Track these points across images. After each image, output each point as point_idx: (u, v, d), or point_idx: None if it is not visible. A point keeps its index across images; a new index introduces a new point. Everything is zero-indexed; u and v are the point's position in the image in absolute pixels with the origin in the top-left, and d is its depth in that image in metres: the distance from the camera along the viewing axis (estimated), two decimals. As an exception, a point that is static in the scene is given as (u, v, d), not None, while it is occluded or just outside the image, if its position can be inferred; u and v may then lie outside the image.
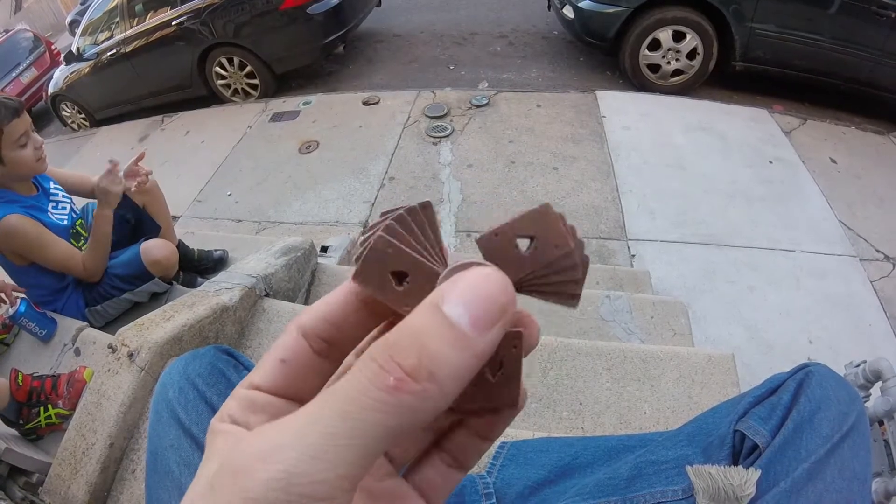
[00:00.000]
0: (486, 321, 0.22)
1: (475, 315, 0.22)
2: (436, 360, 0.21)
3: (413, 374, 0.21)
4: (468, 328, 0.22)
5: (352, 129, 4.57)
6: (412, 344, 0.22)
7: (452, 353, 0.21)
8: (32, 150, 1.91)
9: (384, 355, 0.22)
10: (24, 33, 8.93)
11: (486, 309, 0.22)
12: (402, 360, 0.21)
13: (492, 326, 0.22)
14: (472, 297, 0.22)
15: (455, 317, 0.22)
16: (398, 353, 0.22)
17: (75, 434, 1.57)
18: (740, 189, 3.51)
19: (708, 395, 1.56)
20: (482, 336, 0.22)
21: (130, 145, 5.42)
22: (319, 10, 5.16)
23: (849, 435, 0.67)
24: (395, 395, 0.21)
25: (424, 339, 0.22)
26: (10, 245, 1.95)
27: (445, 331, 0.22)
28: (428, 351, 0.21)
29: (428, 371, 0.21)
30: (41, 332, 2.03)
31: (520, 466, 0.91)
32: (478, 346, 0.22)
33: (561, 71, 5.45)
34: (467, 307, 0.22)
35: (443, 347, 0.21)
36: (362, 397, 0.21)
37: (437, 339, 0.22)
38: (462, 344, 0.22)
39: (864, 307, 2.77)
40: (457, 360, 0.21)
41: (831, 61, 4.26)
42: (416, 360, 0.21)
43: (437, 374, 0.21)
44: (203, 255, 2.69)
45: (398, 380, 0.21)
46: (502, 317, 0.23)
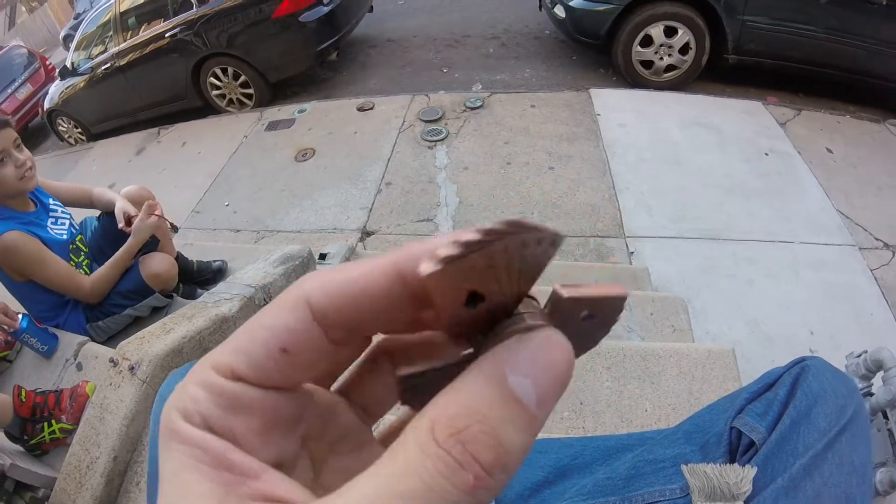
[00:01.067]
0: (551, 397, 0.20)
1: (543, 391, 0.20)
2: (510, 450, 0.19)
3: (489, 469, 0.18)
4: (535, 407, 0.19)
5: (347, 136, 4.57)
6: (486, 431, 0.19)
7: (520, 438, 0.19)
8: (13, 169, 1.91)
9: (456, 445, 0.18)
10: (19, 49, 8.95)
11: (554, 384, 0.20)
12: (480, 455, 0.18)
13: (555, 399, 0.20)
14: (541, 369, 0.20)
15: (524, 395, 0.19)
16: (472, 443, 0.18)
17: (79, 448, 1.58)
18: (737, 182, 3.51)
19: (709, 390, 1.56)
20: (545, 412, 0.20)
21: (127, 158, 5.43)
22: (312, 18, 5.16)
23: (846, 428, 0.67)
24: (472, 493, 0.18)
25: (497, 425, 0.19)
26: (8, 262, 1.95)
27: (515, 413, 0.19)
28: (503, 443, 0.19)
29: (503, 464, 0.19)
30: (42, 347, 2.03)
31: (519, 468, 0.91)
32: (539, 423, 0.20)
33: (554, 70, 5.46)
34: (535, 382, 0.20)
35: (514, 433, 0.19)
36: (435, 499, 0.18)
37: (509, 425, 0.19)
38: (530, 426, 0.19)
39: (864, 296, 2.77)
40: (525, 443, 0.19)
41: (824, 51, 4.25)
42: (494, 455, 0.18)
43: (509, 464, 0.19)
44: (202, 267, 2.70)
45: (478, 477, 0.18)
46: (564, 388, 0.21)
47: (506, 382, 0.19)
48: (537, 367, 0.20)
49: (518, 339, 0.21)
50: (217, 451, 0.21)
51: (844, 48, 4.17)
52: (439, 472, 0.18)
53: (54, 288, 2.08)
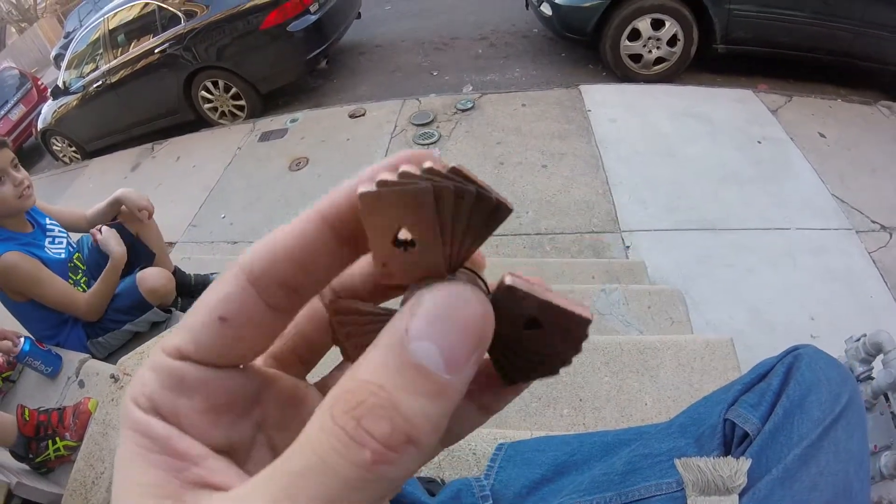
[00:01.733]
0: (461, 358, 0.18)
1: (449, 352, 0.18)
2: (412, 419, 0.18)
3: (389, 444, 0.17)
4: (443, 371, 0.18)
5: (340, 143, 4.58)
6: (380, 404, 0.18)
7: (428, 406, 0.18)
8: (11, 188, 1.92)
9: (349, 420, 0.18)
10: (10, 71, 8.96)
11: (462, 342, 0.19)
12: (374, 429, 0.17)
13: (470, 360, 0.19)
14: (444, 327, 0.19)
15: (425, 359, 0.18)
16: (366, 417, 0.17)
17: (84, 464, 1.59)
18: (731, 171, 3.52)
19: (709, 381, 1.56)
20: (459, 375, 0.18)
21: (123, 175, 5.44)
22: (300, 27, 5.17)
23: (842, 416, 0.67)
24: (373, 470, 0.17)
25: (393, 395, 0.18)
26: (8, 282, 1.96)
27: (416, 380, 0.18)
28: (401, 412, 0.18)
29: (405, 436, 0.17)
30: (47, 369, 2.04)
31: (517, 467, 0.91)
32: (453, 389, 0.18)
33: (543, 68, 5.47)
34: (439, 343, 0.18)
35: (416, 402, 0.18)
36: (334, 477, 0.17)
37: (409, 394, 0.18)
38: (438, 391, 0.18)
39: (863, 279, 2.77)
40: (434, 411, 0.18)
41: (812, 36, 4.25)
42: (390, 427, 0.17)
43: (415, 435, 0.18)
44: (200, 280, 2.70)
45: (376, 452, 0.17)
46: (481, 345, 0.19)
47: (405, 348, 0.18)
48: (441, 327, 0.18)
49: (418, 296, 0.20)
50: (161, 435, 0.20)
51: (832, 32, 4.16)
52: (334, 448, 0.17)
53: (53, 307, 2.09)
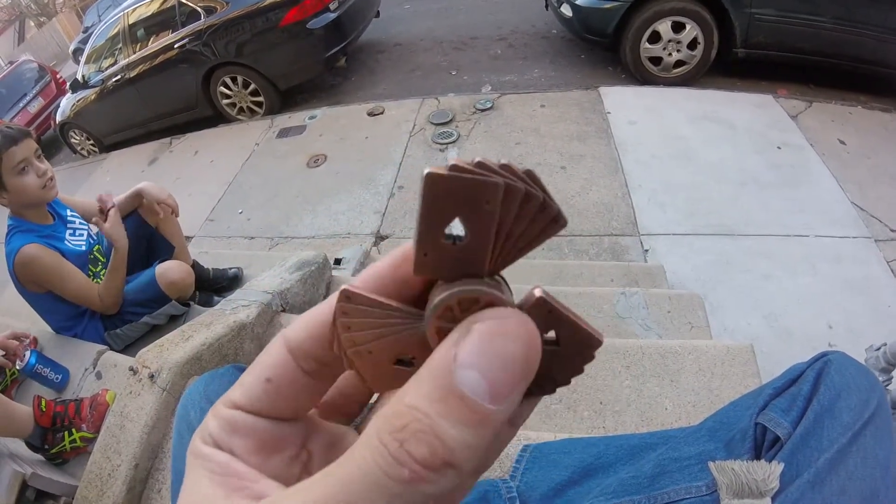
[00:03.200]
0: (507, 389, 0.19)
1: (494, 383, 0.19)
2: (451, 448, 0.18)
3: (427, 465, 0.18)
4: (487, 401, 0.19)
5: (358, 141, 4.59)
6: (422, 430, 0.18)
7: (469, 435, 0.18)
8: (35, 178, 1.93)
9: (392, 441, 0.19)
10: (29, 64, 9.07)
11: (508, 373, 0.19)
12: (414, 451, 0.18)
13: (515, 390, 0.19)
14: (490, 358, 0.19)
15: (470, 389, 0.19)
16: (409, 441, 0.18)
17: (100, 456, 1.59)
18: (750, 177, 3.49)
19: (728, 387, 1.55)
20: (503, 405, 0.19)
21: (140, 169, 5.48)
22: (319, 25, 5.19)
23: (870, 422, 0.67)
24: (412, 487, 0.18)
25: (435, 422, 0.18)
26: (28, 275, 1.98)
27: (459, 408, 0.19)
28: (441, 439, 0.18)
29: (443, 461, 0.18)
30: (56, 377, 2.02)
31: (543, 469, 0.91)
32: (496, 419, 0.19)
33: (563, 69, 5.45)
34: (484, 373, 0.19)
35: (457, 430, 0.18)
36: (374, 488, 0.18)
37: (451, 422, 0.18)
38: (480, 421, 0.19)
39: (881, 288, 2.74)
40: (474, 442, 0.19)
41: (833, 41, 4.21)
42: (429, 452, 0.18)
43: (454, 461, 0.18)
44: (217, 274, 2.72)
45: (413, 472, 0.18)
46: (527, 375, 0.20)
47: (451, 377, 0.19)
48: (487, 358, 0.19)
49: (469, 322, 0.20)
50: (222, 461, 0.24)
51: (853, 38, 4.12)
52: (377, 463, 0.18)
53: (72, 300, 2.11)
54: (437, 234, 0.21)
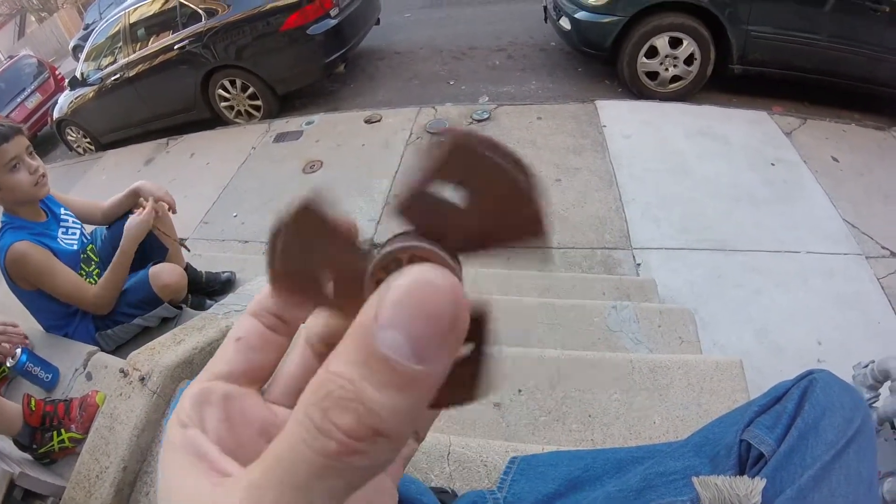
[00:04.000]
0: (433, 346, 0.18)
1: (417, 342, 0.18)
2: (377, 413, 0.18)
3: (354, 435, 0.17)
4: (411, 360, 0.18)
5: (355, 148, 4.60)
6: (346, 396, 0.18)
7: (396, 399, 0.18)
8: (27, 175, 1.93)
9: (318, 412, 0.18)
10: (28, 59, 9.05)
11: (431, 330, 0.18)
12: (339, 420, 0.18)
13: (441, 348, 0.18)
14: (411, 315, 0.18)
15: (392, 349, 0.18)
16: (332, 409, 0.18)
17: (89, 458, 1.58)
18: (743, 192, 3.51)
19: (717, 402, 1.56)
20: (430, 365, 0.18)
21: (136, 168, 5.48)
22: (319, 31, 5.20)
23: (854, 440, 0.68)
24: (340, 460, 0.18)
25: (359, 387, 0.18)
26: (18, 272, 1.97)
27: (382, 371, 0.18)
28: (365, 405, 0.18)
29: (370, 428, 0.17)
30: (46, 376, 2.01)
31: (530, 481, 0.91)
32: (425, 380, 0.18)
33: (560, 82, 5.48)
34: (406, 332, 0.18)
35: (383, 395, 0.18)
36: (304, 465, 0.18)
37: (375, 386, 0.18)
38: (406, 383, 0.18)
39: (872, 305, 2.76)
40: (402, 405, 0.18)
41: (828, 59, 4.26)
42: (355, 420, 0.17)
43: (382, 427, 0.18)
44: (210, 278, 2.71)
45: (341, 443, 0.17)
46: (452, 333, 0.19)
47: (372, 339, 0.18)
48: (408, 314, 0.18)
49: (387, 283, 0.19)
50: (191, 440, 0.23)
51: (849, 56, 4.18)
52: (303, 439, 0.18)
53: (63, 298, 2.10)
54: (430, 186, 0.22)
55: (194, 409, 0.24)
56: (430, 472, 1.25)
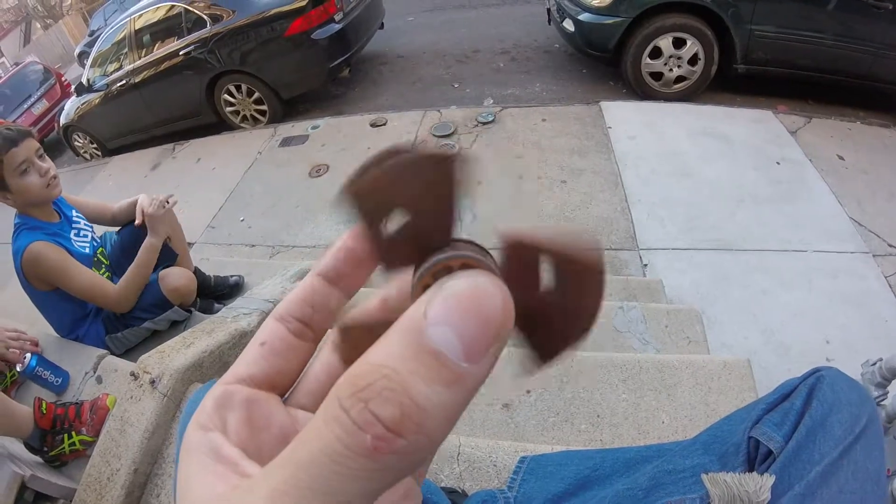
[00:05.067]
0: (481, 347, 0.18)
1: (468, 341, 0.18)
2: (423, 406, 0.17)
3: (396, 429, 0.17)
4: (461, 359, 0.18)
5: (360, 152, 4.60)
6: (391, 387, 0.17)
7: (443, 393, 0.17)
8: (38, 177, 1.94)
9: (356, 404, 0.17)
10: (34, 66, 9.10)
11: (482, 332, 0.18)
12: (381, 411, 0.17)
13: (487, 353, 0.18)
14: (464, 315, 0.18)
15: (443, 345, 0.18)
16: (374, 400, 0.17)
17: (100, 460, 1.60)
18: (748, 192, 3.51)
19: (725, 401, 1.56)
20: (476, 366, 0.18)
21: (143, 174, 5.50)
22: (324, 35, 5.23)
23: (861, 436, 0.68)
24: (377, 458, 0.17)
25: (405, 379, 0.17)
26: (35, 271, 1.98)
27: (433, 365, 0.17)
28: (412, 396, 0.17)
29: (415, 423, 0.17)
30: (56, 380, 2.02)
31: (540, 480, 0.92)
32: (471, 380, 0.18)
33: (564, 84, 5.49)
34: (458, 330, 0.18)
35: (430, 388, 0.17)
36: (339, 468, 0.17)
37: (423, 378, 0.17)
38: (454, 380, 0.18)
39: (879, 303, 2.75)
40: (448, 401, 0.17)
41: (832, 57, 4.26)
42: (399, 411, 0.17)
43: (426, 423, 0.17)
44: (219, 282, 2.73)
45: (378, 439, 0.17)
46: (500, 338, 0.19)
47: (423, 333, 0.18)
48: (461, 314, 0.18)
49: (439, 284, 0.19)
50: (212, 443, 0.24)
51: (852, 54, 4.17)
52: (336, 435, 0.17)
53: (81, 296, 2.09)
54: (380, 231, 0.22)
55: (216, 412, 0.25)
56: (440, 472, 1.26)
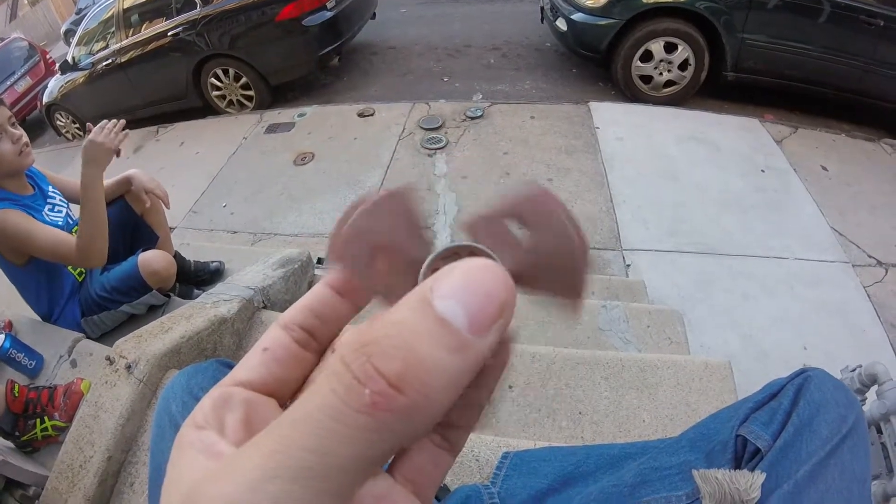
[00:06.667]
0: (485, 321, 0.19)
1: (473, 313, 0.19)
2: (427, 365, 0.17)
3: (398, 385, 0.17)
4: (465, 328, 0.18)
5: (347, 141, 4.58)
6: (396, 344, 0.18)
7: (447, 358, 0.18)
8: (10, 144, 1.88)
9: (359, 359, 0.18)
10: (19, 42, 8.90)
11: (486, 306, 0.19)
12: (384, 365, 0.17)
13: (491, 327, 0.19)
14: (469, 291, 0.19)
15: (450, 314, 0.18)
16: (377, 355, 0.17)
17: (73, 447, 1.56)
18: (733, 198, 3.54)
19: (705, 402, 1.57)
20: (480, 338, 0.19)
21: (125, 156, 5.34)
22: (315, 22, 5.18)
23: (848, 437, 0.69)
24: (374, 415, 0.17)
25: (411, 338, 0.18)
26: (2, 241, 1.91)
27: (438, 330, 0.18)
28: (417, 354, 0.17)
29: (418, 381, 0.17)
30: (30, 363, 1.98)
31: (523, 476, 0.91)
32: (475, 351, 0.19)
33: (554, 82, 5.49)
34: (463, 303, 0.19)
35: (435, 350, 0.18)
36: (335, 425, 0.17)
37: (428, 340, 0.18)
38: (459, 346, 0.18)
39: (857, 313, 2.79)
40: (452, 366, 0.18)
41: (821, 70, 4.31)
42: (402, 365, 0.17)
43: (429, 384, 0.17)
44: (199, 267, 2.69)
45: (378, 394, 0.17)
46: (501, 316, 0.19)
47: (430, 304, 0.19)
48: (467, 289, 0.19)
49: (447, 267, 0.20)
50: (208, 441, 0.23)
51: (841, 67, 4.23)
52: (333, 389, 0.17)
53: (51, 257, 1.96)
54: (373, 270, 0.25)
55: (213, 412, 0.24)
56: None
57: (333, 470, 0.17)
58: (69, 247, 1.93)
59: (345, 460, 0.17)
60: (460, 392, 0.19)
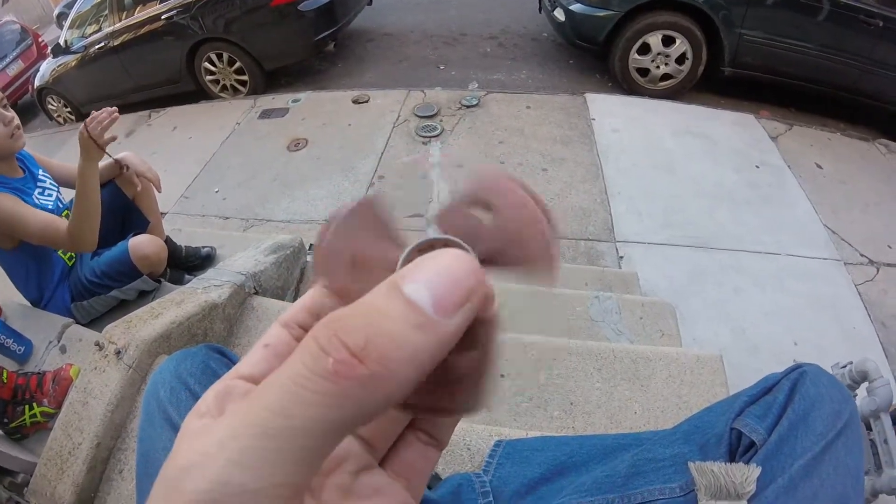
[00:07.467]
0: (450, 303, 0.20)
1: (438, 296, 0.20)
2: (389, 339, 0.19)
3: (360, 355, 0.18)
4: (430, 309, 0.20)
5: (341, 128, 4.55)
6: (362, 321, 0.19)
7: (410, 334, 0.19)
8: (2, 127, 1.85)
9: (326, 332, 0.19)
10: (11, 25, 8.78)
11: (451, 290, 0.20)
12: (347, 338, 0.19)
13: (457, 309, 0.20)
14: (435, 277, 0.20)
15: (416, 296, 0.20)
16: (343, 329, 0.19)
17: (61, 433, 1.55)
18: (727, 192, 3.55)
19: (697, 395, 1.57)
20: (445, 318, 0.20)
21: (117, 140, 5.34)
22: (310, 7, 5.13)
23: (842, 432, 0.69)
24: (336, 382, 0.18)
25: (377, 316, 0.19)
26: None
27: (403, 309, 0.19)
28: (380, 328, 0.19)
29: (378, 353, 0.18)
30: (18, 348, 1.97)
31: (516, 465, 0.91)
32: (440, 330, 0.20)
33: (550, 73, 5.47)
34: (430, 287, 0.20)
35: (399, 327, 0.19)
36: (298, 389, 0.18)
37: (393, 318, 0.19)
38: (422, 325, 0.19)
39: (848, 310, 2.80)
40: (415, 343, 0.19)
41: (819, 68, 4.32)
42: (363, 339, 0.19)
43: (390, 356, 0.19)
44: (190, 252, 2.67)
45: (340, 362, 0.18)
46: (469, 299, 0.21)
47: (399, 289, 0.20)
48: (433, 275, 0.20)
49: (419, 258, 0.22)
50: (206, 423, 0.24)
51: (838, 66, 4.23)
52: (304, 362, 0.19)
53: (38, 240, 1.94)
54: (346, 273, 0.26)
55: (216, 402, 0.25)
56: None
57: (296, 431, 0.18)
58: (60, 231, 1.90)
59: (307, 422, 0.18)
60: (426, 370, 0.20)
